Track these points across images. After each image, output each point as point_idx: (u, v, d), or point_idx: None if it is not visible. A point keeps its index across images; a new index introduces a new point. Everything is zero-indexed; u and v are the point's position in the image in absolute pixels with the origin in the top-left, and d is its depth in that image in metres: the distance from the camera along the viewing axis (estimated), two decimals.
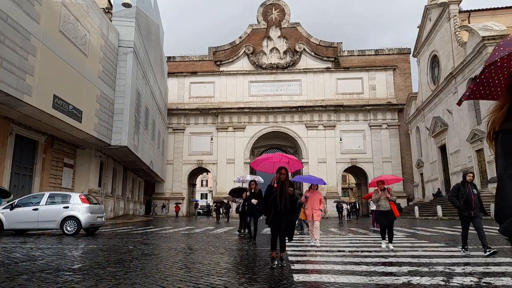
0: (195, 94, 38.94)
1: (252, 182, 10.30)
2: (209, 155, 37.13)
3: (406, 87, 37.61)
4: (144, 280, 4.42)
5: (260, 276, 4.79)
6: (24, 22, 12.37)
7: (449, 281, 4.37)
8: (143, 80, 24.40)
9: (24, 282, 4.28)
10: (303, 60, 38.66)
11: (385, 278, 4.55)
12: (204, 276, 4.75)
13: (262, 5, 40.53)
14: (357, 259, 6.29)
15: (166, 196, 36.94)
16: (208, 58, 40.10)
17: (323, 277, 4.68)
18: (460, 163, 26.20)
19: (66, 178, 19.69)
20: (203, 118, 37.99)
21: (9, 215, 11.40)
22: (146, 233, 12.69)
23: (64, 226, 11.45)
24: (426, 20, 31.67)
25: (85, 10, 17.18)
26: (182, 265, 5.59)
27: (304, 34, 39.66)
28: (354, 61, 38.81)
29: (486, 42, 21.75)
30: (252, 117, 37.31)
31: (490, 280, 4.37)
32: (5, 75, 11.45)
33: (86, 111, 16.91)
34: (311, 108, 36.62)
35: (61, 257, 6.46)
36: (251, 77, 38.59)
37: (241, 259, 6.52)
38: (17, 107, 13.13)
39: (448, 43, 27.30)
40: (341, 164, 36.03)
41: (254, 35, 39.83)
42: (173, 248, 8.02)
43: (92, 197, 13.30)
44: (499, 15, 26.72)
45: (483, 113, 23.07)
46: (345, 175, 54.50)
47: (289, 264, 5.75)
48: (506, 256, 6.41)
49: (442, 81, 28.26)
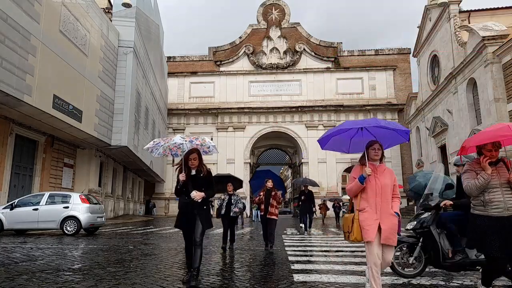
0: (195, 94, 38.94)
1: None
2: (209, 155, 37.08)
3: (406, 87, 37.61)
4: (144, 280, 4.42)
5: (260, 276, 4.79)
6: (24, 22, 12.36)
7: (449, 281, 4.37)
8: (143, 80, 24.40)
9: (24, 282, 4.28)
10: (303, 60, 38.66)
11: (385, 278, 4.55)
12: (204, 276, 4.75)
13: (262, 5, 40.54)
14: (357, 259, 6.29)
15: (166, 196, 36.93)
16: (208, 58, 40.11)
17: (323, 277, 4.68)
18: None
19: (66, 178, 19.69)
20: (203, 118, 37.99)
21: (9, 215, 11.40)
22: (146, 233, 12.69)
23: (64, 226, 11.45)
24: (426, 20, 31.66)
25: (85, 10, 17.18)
26: (182, 265, 5.59)
27: (304, 34, 39.67)
28: (354, 61, 38.81)
29: (486, 42, 21.74)
30: (252, 117, 37.31)
31: None
32: (5, 75, 11.45)
33: (86, 111, 16.90)
34: (311, 108, 36.62)
35: (61, 257, 6.46)
36: (251, 77, 38.59)
37: (241, 259, 6.52)
38: (17, 107, 13.12)
39: (448, 43, 27.29)
40: (341, 164, 36.03)
41: (254, 35, 39.83)
42: (173, 248, 8.03)
43: (92, 197, 13.30)
44: (499, 15, 26.70)
45: (483, 113, 23.07)
46: (345, 175, 54.46)
47: (289, 264, 5.75)
48: None
49: (442, 81, 28.25)
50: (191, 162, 4.34)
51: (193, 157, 4.34)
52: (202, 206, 4.27)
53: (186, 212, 4.34)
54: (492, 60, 21.57)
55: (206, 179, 4.38)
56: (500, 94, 21.20)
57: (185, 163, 4.37)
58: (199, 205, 4.25)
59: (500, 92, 21.20)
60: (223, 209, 7.97)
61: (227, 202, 8.04)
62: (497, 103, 21.23)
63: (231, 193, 8.16)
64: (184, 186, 4.35)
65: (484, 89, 22.60)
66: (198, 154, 4.41)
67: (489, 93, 21.91)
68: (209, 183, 4.38)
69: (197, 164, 4.36)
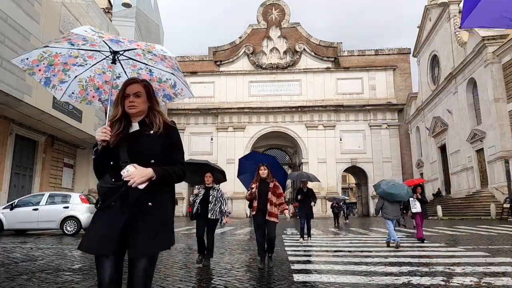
0: (195, 94, 38.62)
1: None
2: (209, 155, 37.08)
3: (406, 87, 37.60)
4: None
5: (260, 276, 4.79)
6: (24, 22, 12.37)
7: (449, 281, 4.37)
8: None
9: (24, 282, 4.28)
10: (303, 60, 38.66)
11: (385, 278, 4.55)
12: (204, 276, 4.75)
13: (262, 5, 40.54)
14: (357, 259, 6.28)
15: None
16: (208, 58, 40.12)
17: (323, 277, 4.67)
18: (460, 163, 26.20)
19: (66, 178, 19.69)
20: (203, 118, 38.00)
21: (9, 215, 11.41)
22: None
23: (64, 226, 11.46)
24: (426, 20, 31.67)
25: (85, 10, 17.18)
26: (182, 265, 5.58)
27: (304, 34, 39.67)
28: (354, 61, 38.80)
29: (486, 42, 21.75)
30: (252, 117, 37.31)
31: (490, 280, 4.37)
32: (5, 75, 11.45)
33: (86, 111, 16.91)
34: (311, 108, 36.62)
35: (61, 257, 6.46)
36: (251, 77, 38.60)
37: (241, 259, 6.52)
38: (17, 107, 13.13)
39: (448, 43, 27.29)
40: (341, 164, 36.01)
41: (254, 35, 39.83)
42: (173, 248, 8.02)
43: (92, 197, 13.30)
44: None
45: (483, 113, 23.07)
46: (345, 175, 54.46)
47: (289, 264, 5.75)
48: (506, 256, 6.41)
49: (442, 81, 28.26)
50: (130, 102, 2.00)
51: (133, 91, 2.01)
52: (147, 200, 1.90)
53: (110, 216, 1.88)
54: (492, 60, 21.56)
55: (162, 141, 1.99)
56: (500, 94, 21.20)
57: (119, 103, 2.03)
58: (143, 199, 1.90)
59: (500, 92, 21.20)
60: (196, 206, 5.71)
61: (201, 198, 5.72)
62: (497, 103, 21.23)
63: (210, 185, 5.85)
64: (110, 153, 1.99)
65: (484, 89, 22.60)
66: (146, 88, 2.06)
67: (489, 93, 21.90)
68: (169, 149, 2.01)
69: (142, 108, 2.02)
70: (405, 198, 8.62)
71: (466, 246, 8.12)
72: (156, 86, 2.38)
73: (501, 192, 20.62)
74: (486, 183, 22.83)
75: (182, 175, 2.03)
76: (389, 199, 8.30)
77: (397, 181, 10.21)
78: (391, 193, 8.25)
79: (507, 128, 20.84)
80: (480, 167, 23.88)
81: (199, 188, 5.92)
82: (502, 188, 20.53)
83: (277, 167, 6.45)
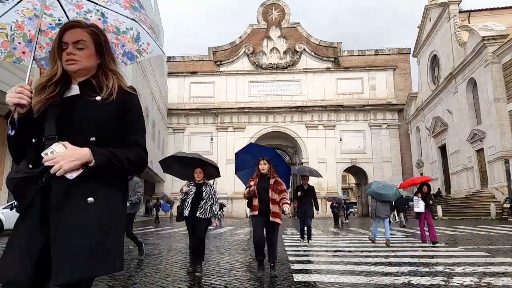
0: (195, 94, 38.95)
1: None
2: (209, 155, 37.05)
3: (406, 87, 37.62)
4: (144, 280, 4.42)
5: (260, 276, 4.79)
6: None
7: (449, 281, 4.37)
8: (143, 80, 24.39)
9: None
10: (303, 60, 38.67)
11: (385, 278, 4.55)
12: (204, 276, 4.75)
13: (262, 5, 40.56)
14: (357, 259, 6.28)
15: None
16: (208, 58, 40.13)
17: (323, 277, 4.67)
18: (460, 163, 26.21)
19: None
20: (203, 118, 38.00)
21: (9, 215, 11.40)
22: (146, 233, 12.69)
23: None
24: (426, 20, 31.67)
25: None
26: (182, 265, 5.58)
27: (304, 34, 39.68)
28: (354, 61, 38.82)
29: (486, 42, 21.75)
30: (252, 117, 37.32)
31: (490, 280, 4.37)
32: (5, 75, 11.46)
33: None
34: (311, 108, 36.63)
35: None
36: (251, 77, 38.61)
37: (241, 259, 6.52)
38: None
39: (448, 43, 27.30)
40: (341, 164, 36.02)
41: (254, 35, 39.85)
42: (173, 248, 8.03)
43: None
44: (499, 15, 26.70)
45: (483, 113, 23.08)
46: (345, 175, 54.47)
47: (289, 264, 5.75)
48: (506, 256, 6.41)
49: (442, 81, 28.27)
50: (67, 55, 1.38)
51: (73, 39, 1.39)
52: (81, 195, 1.28)
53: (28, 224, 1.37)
54: (492, 60, 21.57)
55: (112, 112, 1.38)
56: (500, 94, 21.21)
57: (57, 57, 1.40)
58: (73, 194, 1.28)
59: (500, 92, 21.22)
60: (187, 208, 5.04)
61: (193, 197, 5.08)
62: (497, 103, 21.24)
63: (201, 182, 5.23)
64: (33, 127, 1.35)
65: (484, 89, 22.61)
66: (94, 37, 1.43)
67: (489, 93, 21.91)
68: (123, 125, 1.41)
69: (86, 64, 1.42)
70: (392, 199, 9.25)
71: (466, 246, 8.13)
72: (113, 40, 1.72)
73: (501, 192, 20.63)
74: (486, 183, 22.83)
75: (138, 162, 1.40)
76: (377, 199, 8.90)
77: (390, 182, 10.91)
78: (379, 193, 8.82)
79: (507, 128, 20.85)
80: (480, 167, 23.88)
81: (188, 186, 5.20)
82: (502, 188, 20.54)
83: (278, 161, 5.72)
